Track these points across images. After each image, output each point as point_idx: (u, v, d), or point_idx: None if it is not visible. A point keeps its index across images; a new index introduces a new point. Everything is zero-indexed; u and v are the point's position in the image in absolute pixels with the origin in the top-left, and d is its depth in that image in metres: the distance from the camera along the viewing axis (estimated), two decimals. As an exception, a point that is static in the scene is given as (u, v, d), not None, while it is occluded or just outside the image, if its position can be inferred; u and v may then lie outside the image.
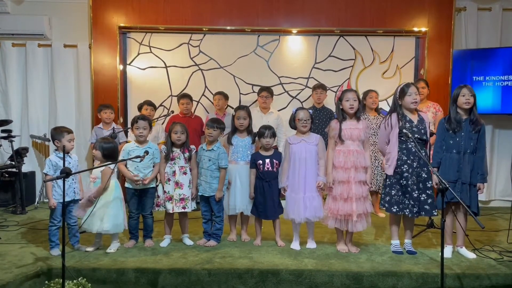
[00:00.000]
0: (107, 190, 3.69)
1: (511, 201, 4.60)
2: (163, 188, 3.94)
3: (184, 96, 5.31)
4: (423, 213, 3.65)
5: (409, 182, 3.64)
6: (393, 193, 3.71)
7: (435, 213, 3.69)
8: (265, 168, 3.93)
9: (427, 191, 3.65)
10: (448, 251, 3.68)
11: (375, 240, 4.19)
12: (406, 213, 3.67)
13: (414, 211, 3.64)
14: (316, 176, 3.83)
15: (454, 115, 3.64)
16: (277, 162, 3.95)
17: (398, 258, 3.65)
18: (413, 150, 3.63)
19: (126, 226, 3.78)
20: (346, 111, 3.76)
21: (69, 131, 3.74)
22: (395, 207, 3.70)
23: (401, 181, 3.68)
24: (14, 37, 5.72)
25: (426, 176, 3.65)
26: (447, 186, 2.95)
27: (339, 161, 3.72)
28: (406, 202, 3.66)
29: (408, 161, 3.66)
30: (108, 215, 3.64)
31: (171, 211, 3.91)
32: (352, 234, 3.88)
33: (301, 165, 3.82)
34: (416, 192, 3.65)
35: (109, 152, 3.72)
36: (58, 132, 3.70)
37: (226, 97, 5.37)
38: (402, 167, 3.67)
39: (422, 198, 3.64)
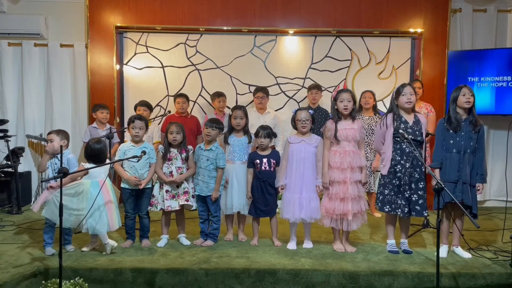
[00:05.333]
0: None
1: (506, 201, 4.62)
2: (160, 187, 3.94)
3: (180, 95, 5.31)
4: (414, 213, 3.68)
5: (402, 182, 3.67)
6: (386, 193, 3.75)
7: (425, 214, 3.70)
8: (262, 168, 3.95)
9: (419, 192, 3.67)
10: (443, 251, 3.70)
11: (371, 239, 4.21)
12: (398, 212, 3.69)
13: (405, 211, 3.67)
14: (314, 177, 3.84)
15: (453, 114, 3.66)
16: (274, 161, 3.97)
17: (394, 257, 3.68)
18: (407, 150, 3.66)
19: (110, 227, 3.70)
20: (341, 112, 3.78)
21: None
22: (388, 206, 3.73)
23: (394, 181, 3.71)
24: (10, 36, 5.69)
25: (418, 176, 3.67)
26: (443, 186, 2.97)
27: (335, 161, 3.74)
28: (399, 202, 3.69)
29: (402, 161, 3.68)
30: (93, 216, 3.58)
31: (178, 208, 3.91)
32: (348, 233, 3.91)
33: (299, 165, 3.83)
34: (408, 192, 3.67)
35: (93, 153, 3.69)
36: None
37: (225, 97, 5.37)
38: (396, 167, 3.70)
39: (414, 199, 3.67)
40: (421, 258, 3.66)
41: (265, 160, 3.95)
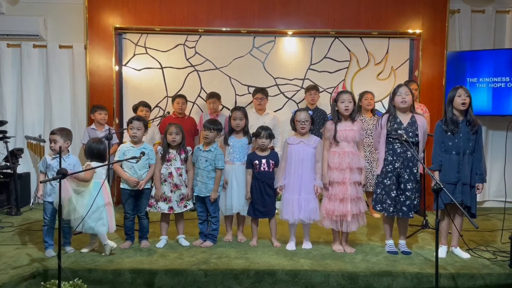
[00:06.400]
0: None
1: (505, 201, 4.64)
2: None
3: (179, 96, 5.32)
4: (400, 213, 3.69)
5: (389, 182, 3.69)
6: (378, 192, 3.78)
7: (411, 216, 3.69)
8: (261, 169, 3.95)
9: (407, 193, 3.67)
10: (442, 251, 3.71)
11: (370, 240, 4.21)
12: (387, 212, 3.72)
13: (390, 210, 3.69)
14: (313, 178, 3.84)
15: (450, 116, 3.67)
16: (273, 162, 3.97)
17: (393, 258, 3.68)
18: (398, 151, 3.68)
19: (110, 228, 3.70)
20: (341, 113, 3.79)
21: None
22: (379, 205, 3.77)
23: (386, 181, 3.73)
24: (9, 37, 5.69)
25: (408, 178, 3.68)
26: (442, 186, 2.97)
27: (334, 162, 3.75)
28: (389, 201, 3.71)
29: (392, 162, 3.70)
30: (92, 216, 3.57)
31: (166, 211, 3.92)
32: (348, 234, 3.91)
33: (298, 166, 3.84)
34: (395, 192, 3.69)
35: (98, 152, 3.69)
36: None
37: (219, 98, 5.37)
38: (387, 167, 3.73)
39: (401, 199, 3.68)
40: (420, 258, 3.67)
41: (264, 161, 3.95)
